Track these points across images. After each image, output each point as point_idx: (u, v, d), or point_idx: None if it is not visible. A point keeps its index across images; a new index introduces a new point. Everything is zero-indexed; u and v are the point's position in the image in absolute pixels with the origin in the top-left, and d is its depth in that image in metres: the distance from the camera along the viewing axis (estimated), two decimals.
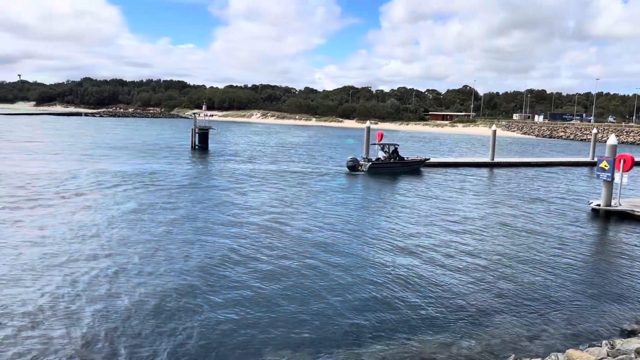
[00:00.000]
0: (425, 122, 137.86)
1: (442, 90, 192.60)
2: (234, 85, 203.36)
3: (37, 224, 16.82)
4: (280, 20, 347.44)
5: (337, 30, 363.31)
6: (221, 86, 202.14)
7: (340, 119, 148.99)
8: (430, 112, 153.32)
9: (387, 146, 37.54)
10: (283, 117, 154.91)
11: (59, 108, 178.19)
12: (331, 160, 43.60)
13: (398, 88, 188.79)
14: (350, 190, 27.42)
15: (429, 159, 39.37)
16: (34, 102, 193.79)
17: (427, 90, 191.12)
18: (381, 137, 39.82)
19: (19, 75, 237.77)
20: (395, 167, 36.12)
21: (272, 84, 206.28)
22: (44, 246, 14.32)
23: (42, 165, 31.82)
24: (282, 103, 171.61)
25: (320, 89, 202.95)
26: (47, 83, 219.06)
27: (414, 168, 37.00)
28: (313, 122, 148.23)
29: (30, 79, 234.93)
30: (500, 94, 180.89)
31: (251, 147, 55.40)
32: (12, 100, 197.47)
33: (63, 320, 9.72)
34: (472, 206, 23.68)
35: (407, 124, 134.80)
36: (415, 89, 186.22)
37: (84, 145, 48.38)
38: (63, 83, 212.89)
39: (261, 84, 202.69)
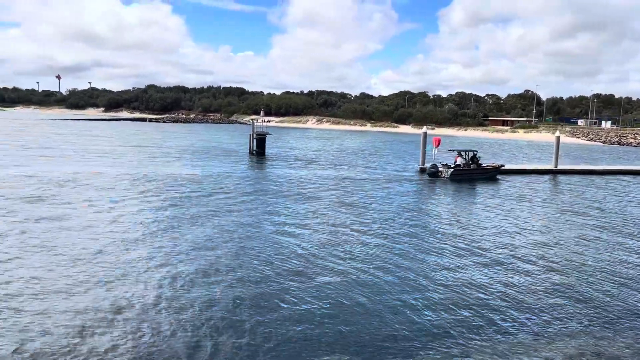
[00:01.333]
0: (484, 128, 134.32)
1: (503, 95, 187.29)
2: (291, 91, 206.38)
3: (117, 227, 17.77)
4: (337, 26, 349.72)
5: (393, 35, 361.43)
6: (278, 92, 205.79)
7: (396, 124, 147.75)
8: (489, 118, 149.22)
9: (466, 152, 37.10)
10: (338, 123, 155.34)
11: (125, 114, 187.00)
12: (391, 166, 43.42)
13: (456, 93, 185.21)
14: (432, 196, 27.23)
15: (503, 166, 38.60)
16: (102, 108, 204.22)
17: (487, 95, 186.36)
18: (438, 142, 39.18)
19: (90, 83, 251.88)
20: (475, 174, 35.71)
21: (328, 90, 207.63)
22: (127, 245, 15.13)
23: (125, 168, 33.51)
24: (338, 109, 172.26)
25: (375, 95, 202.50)
26: (115, 90, 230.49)
27: (491, 175, 36.54)
28: (368, 127, 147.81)
29: (100, 86, 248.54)
30: (564, 98, 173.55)
31: (307, 152, 55.97)
32: (83, 107, 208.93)
33: (165, 314, 10.24)
34: (554, 216, 22.97)
35: (466, 130, 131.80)
36: (474, 93, 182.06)
37: (153, 150, 50.50)
38: (129, 90, 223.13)
39: (317, 90, 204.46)
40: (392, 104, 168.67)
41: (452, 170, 34.85)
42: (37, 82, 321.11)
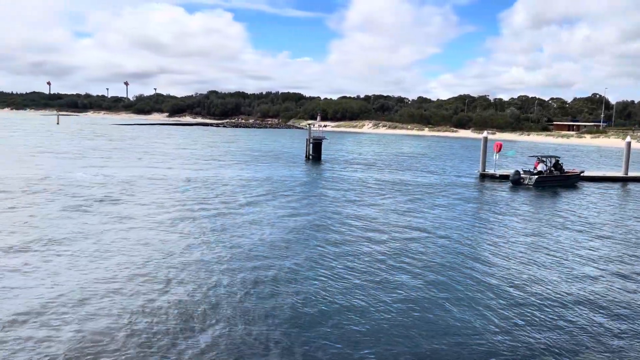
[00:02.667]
0: (548, 133, 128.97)
1: (568, 98, 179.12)
2: (347, 96, 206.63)
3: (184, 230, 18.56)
4: (395, 30, 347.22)
5: (453, 38, 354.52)
6: (335, 97, 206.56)
7: (455, 129, 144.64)
8: (554, 122, 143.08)
9: (548, 159, 36.02)
10: (395, 127, 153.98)
11: (188, 119, 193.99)
12: (451, 170, 42.69)
13: (518, 96, 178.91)
14: (514, 204, 26.55)
15: (583, 172, 37.21)
16: (167, 113, 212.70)
17: (551, 99, 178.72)
18: (500, 147, 38.16)
19: (155, 89, 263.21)
20: (559, 181, 34.64)
21: (385, 94, 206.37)
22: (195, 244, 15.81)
23: (191, 171, 34.91)
24: (395, 113, 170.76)
25: (434, 98, 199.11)
26: (179, 96, 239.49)
27: (572, 182, 35.45)
28: (426, 132, 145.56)
29: (164, 92, 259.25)
30: (635, 102, 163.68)
31: (363, 156, 55.93)
32: (148, 112, 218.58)
33: (238, 312, 10.69)
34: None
35: (528, 134, 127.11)
36: (537, 97, 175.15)
37: (217, 153, 52.15)
38: (192, 96, 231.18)
39: (374, 95, 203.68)
40: (451, 108, 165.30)
41: (536, 177, 33.81)
42: (107, 89, 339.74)
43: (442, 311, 11.29)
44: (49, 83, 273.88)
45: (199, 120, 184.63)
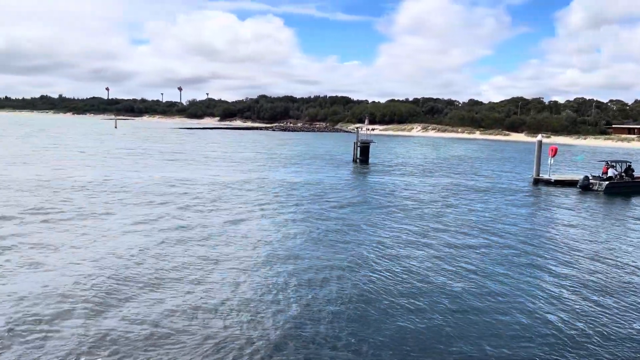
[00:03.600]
0: (607, 136, 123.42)
1: (629, 100, 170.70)
2: (396, 99, 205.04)
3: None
4: (445, 32, 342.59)
5: (505, 40, 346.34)
6: (383, 100, 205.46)
7: (507, 132, 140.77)
8: (613, 125, 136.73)
9: (619, 163, 34.61)
10: (444, 130, 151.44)
11: (238, 123, 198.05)
12: (503, 175, 41.72)
13: (575, 99, 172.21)
14: (582, 211, 25.70)
15: None
16: (218, 118, 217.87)
17: (610, 101, 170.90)
18: (555, 151, 36.97)
19: (207, 94, 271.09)
20: (634, 187, 32.96)
21: (434, 97, 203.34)
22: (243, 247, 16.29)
23: (244, 174, 35.82)
24: (444, 116, 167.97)
25: (485, 101, 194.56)
26: (230, 100, 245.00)
27: None
28: (477, 135, 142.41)
29: (216, 96, 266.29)
30: None
31: (412, 159, 55.43)
32: (201, 116, 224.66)
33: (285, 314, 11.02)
34: None
35: (585, 138, 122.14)
36: (595, 99, 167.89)
37: (264, 157, 53.15)
38: (242, 100, 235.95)
39: (423, 97, 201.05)
40: (503, 110, 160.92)
41: (606, 182, 32.44)
42: (162, 94, 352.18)
43: (505, 318, 11.11)
44: (107, 89, 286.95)
45: (249, 124, 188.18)
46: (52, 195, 23.36)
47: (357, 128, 57.61)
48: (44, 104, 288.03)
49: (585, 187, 32.64)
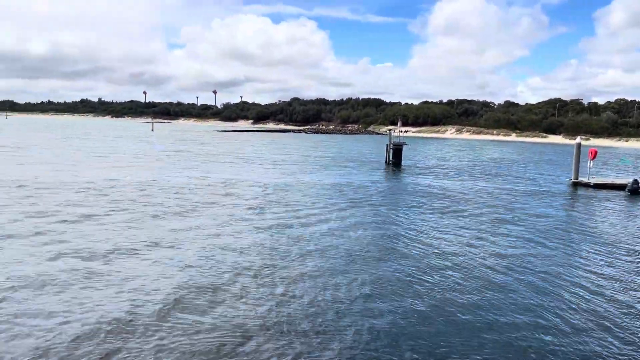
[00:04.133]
0: None
1: None
2: (429, 101, 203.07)
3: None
4: (480, 33, 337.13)
5: (542, 40, 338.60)
6: (416, 102, 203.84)
7: (545, 134, 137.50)
8: None
9: None
10: (479, 133, 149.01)
11: (271, 125, 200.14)
12: (543, 177, 40.81)
13: (615, 100, 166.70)
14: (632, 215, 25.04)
15: None
16: (251, 120, 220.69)
17: None
18: (594, 154, 35.96)
19: (241, 97, 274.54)
20: None
21: (469, 98, 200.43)
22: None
23: (277, 176, 36.23)
24: (479, 118, 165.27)
25: (521, 102, 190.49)
26: (263, 103, 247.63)
27: None
28: (513, 137, 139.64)
29: (250, 99, 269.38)
30: None
31: (446, 162, 54.76)
32: (235, 119, 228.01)
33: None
34: None
35: (627, 140, 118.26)
36: (637, 100, 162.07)
37: (297, 159, 53.50)
38: (275, 103, 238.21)
39: (457, 99, 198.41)
40: (541, 112, 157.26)
41: None
42: (197, 97, 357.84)
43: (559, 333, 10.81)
44: (144, 92, 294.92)
45: (282, 126, 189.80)
46: (142, 195, 24.11)
47: (389, 130, 57.31)
48: (85, 107, 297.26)
49: (634, 190, 31.73)
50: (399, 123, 60.90)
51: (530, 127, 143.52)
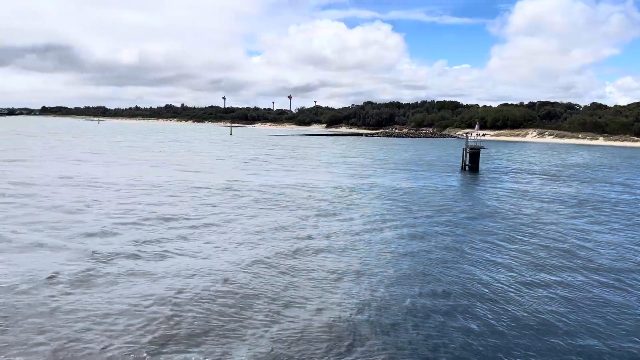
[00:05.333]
0: None
1: None
2: (509, 103, 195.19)
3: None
4: (565, 32, 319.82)
5: (634, 38, 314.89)
6: (495, 104, 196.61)
7: (636, 138, 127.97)
8: None
9: None
10: (562, 136, 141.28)
11: (344, 129, 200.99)
12: (634, 183, 38.40)
13: None
14: None
15: None
16: (325, 124, 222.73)
17: None
18: None
19: (315, 101, 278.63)
20: None
21: (552, 100, 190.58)
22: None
23: (347, 179, 36.86)
24: (563, 121, 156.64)
25: (610, 104, 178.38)
26: (336, 107, 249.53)
27: None
28: (600, 141, 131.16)
29: (323, 104, 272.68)
30: None
31: (526, 167, 52.62)
32: (308, 123, 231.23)
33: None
34: None
35: None
36: None
37: (372, 163, 53.74)
38: (348, 107, 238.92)
39: (538, 101, 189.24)
40: (632, 114, 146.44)
41: None
42: (273, 102, 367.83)
43: None
44: (224, 98, 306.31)
45: (354, 130, 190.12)
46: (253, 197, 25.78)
47: (466, 134, 55.92)
48: (168, 112, 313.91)
49: None
50: (477, 126, 59.32)
51: (620, 131, 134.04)
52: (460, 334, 10.39)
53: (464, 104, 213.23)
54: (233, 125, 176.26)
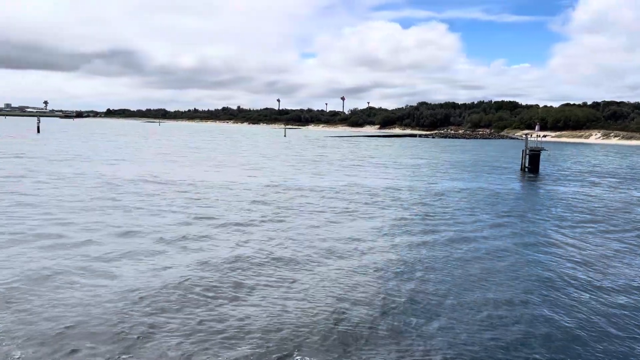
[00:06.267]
0: None
1: None
2: (571, 103, 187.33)
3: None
4: (632, 29, 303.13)
5: None
6: (556, 105, 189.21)
7: None
8: None
9: None
10: (630, 138, 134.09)
11: (397, 130, 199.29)
12: None
13: None
14: None
15: None
16: (377, 126, 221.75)
17: None
18: None
19: (368, 102, 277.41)
20: None
21: (618, 100, 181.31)
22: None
23: (402, 181, 36.98)
24: (630, 121, 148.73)
25: None
26: (389, 108, 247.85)
27: None
28: None
29: (377, 105, 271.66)
30: None
31: (592, 169, 50.55)
32: (361, 124, 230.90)
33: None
34: None
35: None
36: None
37: (428, 164, 53.41)
38: (402, 108, 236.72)
39: (603, 101, 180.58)
40: None
41: None
42: (326, 104, 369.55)
43: None
44: (278, 100, 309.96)
45: (408, 131, 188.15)
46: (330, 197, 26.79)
47: (525, 135, 54.49)
48: (225, 114, 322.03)
49: None
50: (537, 127, 57.87)
51: None
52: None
53: (523, 104, 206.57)
54: (287, 127, 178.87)
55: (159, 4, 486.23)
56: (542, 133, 61.05)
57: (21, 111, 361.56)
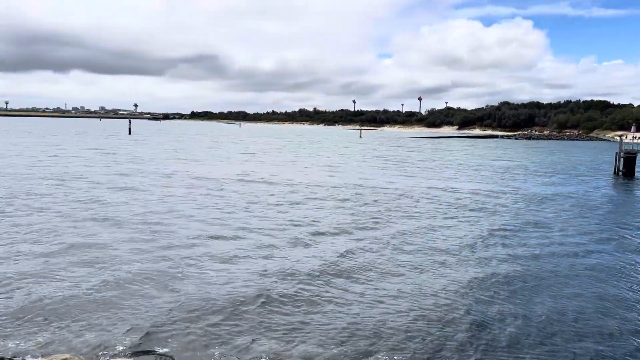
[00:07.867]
0: None
1: None
2: None
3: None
4: None
5: None
6: None
7: None
8: None
9: None
10: None
11: (477, 131, 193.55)
12: None
13: None
14: None
15: None
16: (456, 126, 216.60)
17: None
18: None
19: (446, 103, 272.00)
20: None
21: None
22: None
23: (487, 184, 36.50)
24: None
25: None
26: (469, 109, 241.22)
27: None
28: None
29: (455, 105, 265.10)
30: None
31: None
32: (439, 125, 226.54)
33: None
34: None
35: None
36: None
37: (514, 166, 51.97)
38: (482, 108, 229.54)
39: None
40: None
41: None
42: (402, 104, 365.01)
43: None
44: (354, 101, 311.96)
45: (489, 132, 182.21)
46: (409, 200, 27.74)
47: (619, 136, 51.38)
48: (302, 116, 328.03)
49: None
50: (633, 128, 54.24)
51: None
52: None
53: (615, 103, 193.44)
54: (362, 128, 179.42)
55: (243, 8, 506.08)
56: (638, 134, 57.15)
57: (114, 114, 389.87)
